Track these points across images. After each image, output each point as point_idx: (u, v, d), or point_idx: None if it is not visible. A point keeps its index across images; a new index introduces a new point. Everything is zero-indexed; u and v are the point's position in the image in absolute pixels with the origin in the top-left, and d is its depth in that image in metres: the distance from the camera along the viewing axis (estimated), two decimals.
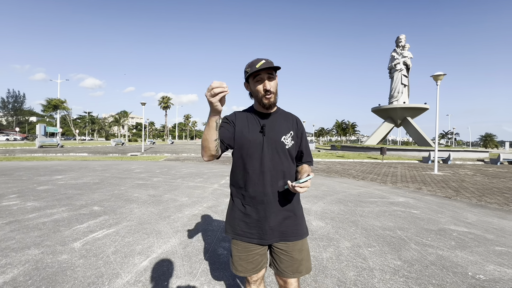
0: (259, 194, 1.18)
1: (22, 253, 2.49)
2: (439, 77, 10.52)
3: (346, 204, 4.82)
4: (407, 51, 30.25)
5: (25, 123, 61.71)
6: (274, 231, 1.19)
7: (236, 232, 1.22)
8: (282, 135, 1.21)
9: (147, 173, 8.20)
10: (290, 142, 1.22)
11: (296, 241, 1.22)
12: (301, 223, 1.25)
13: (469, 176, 9.60)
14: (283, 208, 1.20)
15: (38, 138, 23.84)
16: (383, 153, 15.97)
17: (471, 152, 22.41)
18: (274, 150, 1.19)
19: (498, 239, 3.21)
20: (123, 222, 3.49)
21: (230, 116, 1.26)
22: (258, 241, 1.20)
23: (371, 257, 2.62)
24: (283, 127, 1.24)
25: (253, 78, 1.16)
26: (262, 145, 1.18)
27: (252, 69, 1.11)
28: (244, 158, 1.20)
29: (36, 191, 5.27)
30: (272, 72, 1.15)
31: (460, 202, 5.32)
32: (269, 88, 1.15)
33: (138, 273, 2.20)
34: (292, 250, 1.21)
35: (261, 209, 1.18)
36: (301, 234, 1.23)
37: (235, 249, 1.25)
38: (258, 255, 1.23)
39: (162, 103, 67.85)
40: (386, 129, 31.30)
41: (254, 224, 1.19)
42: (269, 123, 1.23)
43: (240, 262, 1.24)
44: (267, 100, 1.17)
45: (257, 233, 1.19)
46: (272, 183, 1.18)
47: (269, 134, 1.20)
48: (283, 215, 1.20)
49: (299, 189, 1.02)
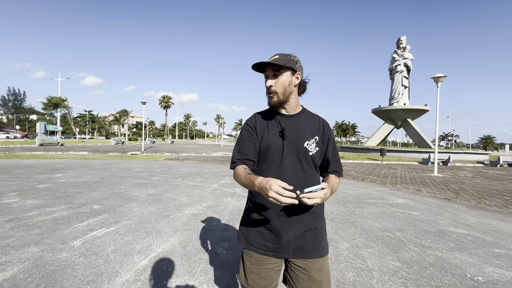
0: (276, 205, 1.04)
1: (22, 251, 2.50)
2: (439, 79, 10.53)
3: (345, 205, 4.83)
4: (408, 53, 30.26)
5: (26, 121, 61.74)
6: (291, 245, 1.07)
7: (250, 242, 1.12)
8: (306, 140, 1.08)
9: (147, 172, 8.21)
10: (314, 149, 1.09)
11: (316, 259, 1.08)
12: (323, 239, 1.12)
13: (468, 178, 9.60)
14: (303, 221, 1.07)
15: (38, 136, 23.88)
16: (383, 155, 15.98)
17: (471, 154, 22.41)
18: (296, 157, 1.07)
19: (497, 241, 3.21)
20: (122, 221, 3.50)
21: (250, 121, 1.15)
22: (274, 254, 1.09)
23: (370, 258, 2.63)
24: (307, 131, 1.10)
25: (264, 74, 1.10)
26: (282, 151, 1.07)
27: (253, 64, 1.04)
28: (262, 164, 1.10)
29: (36, 189, 5.27)
30: (278, 69, 1.05)
31: (460, 204, 5.33)
32: (269, 85, 1.06)
33: (137, 272, 2.21)
34: (311, 269, 1.08)
35: (278, 220, 1.06)
36: (322, 251, 1.10)
37: (248, 260, 1.13)
38: (273, 271, 1.12)
39: (162, 103, 67.87)
40: (386, 131, 31.30)
41: (270, 236, 1.08)
42: (291, 125, 1.10)
43: (253, 275, 1.12)
44: (269, 99, 1.09)
45: (273, 246, 1.08)
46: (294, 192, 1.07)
47: (291, 138, 1.07)
48: (303, 228, 1.07)
49: (306, 200, 0.85)
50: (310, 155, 1.08)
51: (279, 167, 1.06)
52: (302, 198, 0.86)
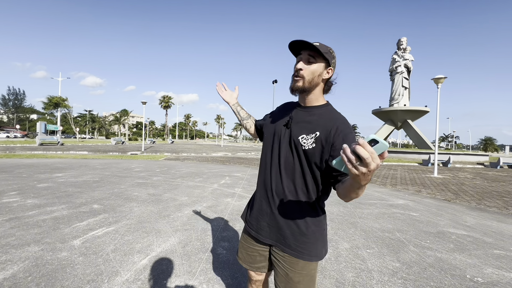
0: (266, 187, 1.11)
1: (22, 250, 2.50)
2: (439, 80, 10.53)
3: (345, 205, 4.83)
4: (408, 54, 30.28)
5: (26, 120, 61.79)
6: (271, 232, 1.08)
7: (246, 217, 1.24)
8: (302, 133, 1.02)
9: (147, 172, 8.21)
10: (310, 144, 0.99)
11: (294, 258, 1.03)
12: (307, 241, 1.03)
13: (468, 180, 9.60)
14: (286, 212, 1.05)
15: (39, 135, 23.90)
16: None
17: (471, 156, 22.41)
18: (289, 147, 1.06)
19: (496, 243, 3.21)
20: (122, 220, 3.50)
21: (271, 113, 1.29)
22: (255, 234, 1.14)
23: (369, 258, 2.63)
24: (312, 125, 1.02)
25: (297, 56, 1.07)
26: (280, 139, 1.09)
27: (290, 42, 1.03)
28: (265, 148, 1.17)
29: (36, 188, 5.27)
30: (315, 55, 1.00)
31: (460, 205, 5.33)
32: (300, 67, 1.01)
33: (137, 271, 2.21)
34: (289, 266, 1.04)
35: (265, 202, 1.11)
36: (303, 253, 1.02)
37: (243, 235, 1.24)
38: (257, 252, 1.17)
39: (162, 103, 67.91)
40: (386, 132, 31.29)
41: (254, 216, 1.16)
42: (299, 116, 1.07)
43: (242, 250, 1.23)
44: (293, 83, 1.04)
45: (255, 226, 1.14)
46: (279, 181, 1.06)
47: (292, 128, 1.07)
48: (283, 219, 1.05)
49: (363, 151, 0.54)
50: (303, 149, 1.00)
51: (277, 152, 1.09)
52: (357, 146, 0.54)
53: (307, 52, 1.01)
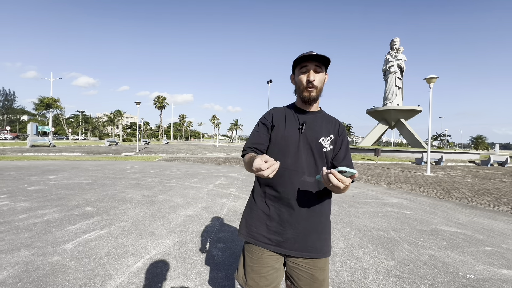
0: (288, 195, 1.05)
1: (12, 255, 2.44)
2: (432, 80, 10.69)
3: (340, 205, 4.86)
4: (401, 54, 30.67)
5: (16, 121, 60.48)
6: (297, 242, 1.05)
7: (252, 234, 1.09)
8: (322, 136, 1.09)
9: (141, 174, 8.12)
10: (328, 146, 1.10)
11: (319, 259, 1.07)
12: (327, 238, 1.10)
13: (460, 178, 9.78)
14: (313, 217, 1.06)
15: (30, 137, 23.39)
16: (377, 155, 16.15)
17: (463, 154, 22.82)
18: (310, 151, 1.08)
19: (488, 240, 3.28)
20: (116, 223, 3.45)
21: (267, 115, 1.19)
22: (275, 249, 1.06)
23: (364, 257, 2.65)
24: (323, 128, 1.12)
25: (299, 68, 1.09)
26: (298, 143, 1.08)
27: (299, 56, 1.06)
28: (277, 155, 1.10)
29: (27, 191, 5.16)
30: (320, 65, 1.06)
31: (452, 203, 5.42)
32: (313, 79, 1.04)
33: (131, 275, 2.18)
34: (313, 268, 1.06)
35: (287, 212, 1.05)
36: (326, 251, 1.08)
37: (249, 257, 1.10)
38: (274, 269, 1.07)
39: (157, 103, 67.34)
40: (380, 131, 31.64)
41: (275, 229, 1.06)
42: (309, 121, 1.12)
43: (252, 274, 1.08)
44: (308, 93, 1.07)
45: (276, 239, 1.05)
46: (305, 186, 1.05)
47: (308, 132, 1.09)
48: (311, 225, 1.06)
49: (333, 179, 0.80)
50: (324, 151, 1.09)
51: (295, 157, 1.07)
52: (329, 175, 0.81)
53: (315, 63, 1.05)
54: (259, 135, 1.15)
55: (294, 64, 1.10)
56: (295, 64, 1.09)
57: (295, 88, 1.15)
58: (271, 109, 1.22)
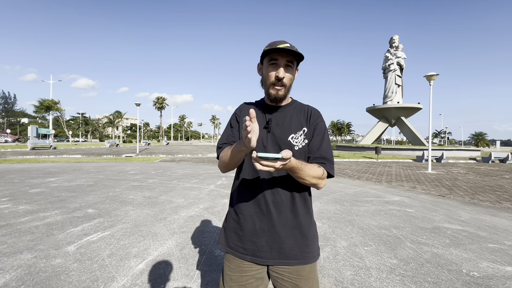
0: (256, 202, 0.98)
1: (15, 258, 2.44)
2: (432, 77, 10.68)
3: (342, 203, 4.85)
4: (400, 52, 30.62)
5: (17, 124, 60.54)
6: (273, 249, 0.97)
7: (229, 244, 1.03)
8: (291, 134, 0.99)
9: (142, 175, 8.12)
10: (301, 142, 0.99)
11: (301, 266, 0.97)
12: (309, 243, 1.00)
13: (462, 175, 9.76)
14: (287, 222, 0.98)
15: (30, 140, 23.43)
16: (378, 153, 16.13)
17: (464, 151, 22.79)
18: (279, 151, 0.97)
19: (490, 236, 3.27)
20: (118, 224, 3.45)
21: (237, 110, 1.10)
22: (252, 259, 0.98)
23: (367, 256, 2.64)
24: (294, 123, 1.01)
25: (268, 60, 0.96)
26: (265, 144, 0.99)
27: (271, 47, 0.92)
28: (244, 158, 0.99)
29: (28, 194, 5.16)
30: (292, 60, 0.95)
31: (454, 200, 5.41)
32: (282, 76, 0.94)
33: (134, 276, 2.18)
34: (296, 277, 0.97)
35: (258, 219, 0.98)
36: (308, 257, 0.98)
37: (227, 266, 1.03)
38: (254, 278, 1.00)
39: (156, 104, 67.39)
40: (380, 129, 31.62)
41: (247, 238, 0.98)
42: (277, 117, 1.02)
43: (231, 283, 1.00)
44: (275, 91, 0.97)
45: (251, 249, 0.98)
46: (274, 190, 0.97)
47: (275, 131, 1.00)
48: (285, 231, 0.97)
49: (257, 164, 0.71)
50: (296, 149, 0.98)
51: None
52: (253, 162, 0.72)
53: (286, 58, 0.94)
54: (230, 131, 1.06)
55: (263, 53, 0.96)
56: (264, 54, 0.96)
57: (262, 81, 1.03)
58: (241, 104, 1.12)
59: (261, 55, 0.98)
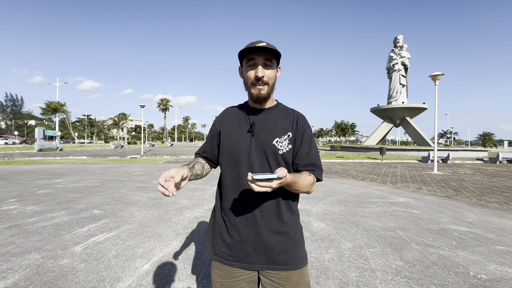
0: (241, 208, 0.96)
1: (23, 258, 2.49)
2: (437, 77, 10.56)
3: (346, 204, 4.83)
4: (405, 51, 30.39)
5: (24, 126, 61.59)
6: (260, 255, 0.96)
7: (216, 252, 1.00)
8: (276, 137, 0.97)
9: (147, 176, 8.19)
10: (286, 147, 0.97)
11: (290, 271, 0.96)
12: (297, 248, 0.99)
13: (468, 176, 9.62)
14: (273, 227, 0.96)
15: (37, 141, 23.79)
16: (382, 153, 16.00)
17: (470, 152, 22.47)
18: (263, 156, 0.96)
19: (499, 238, 3.21)
20: (123, 225, 3.48)
21: (217, 119, 1.09)
22: (240, 265, 0.97)
23: (372, 258, 2.62)
24: (279, 126, 0.99)
25: (246, 61, 0.95)
26: (249, 148, 0.97)
27: (248, 46, 0.91)
28: (227, 162, 1.00)
29: (35, 195, 5.25)
30: (270, 59, 0.94)
31: (460, 202, 5.33)
32: (262, 75, 0.92)
33: (139, 277, 2.20)
34: (285, 283, 0.95)
35: (243, 226, 0.96)
36: (296, 262, 0.97)
37: (216, 273, 1.00)
38: (245, 282, 0.98)
39: (161, 105, 67.86)
40: (385, 129, 31.37)
41: (234, 246, 0.97)
42: (261, 121, 1.00)
43: None
44: (257, 91, 0.95)
45: (239, 256, 0.97)
46: (259, 195, 0.94)
47: (259, 134, 0.98)
48: (272, 237, 0.96)
49: (254, 186, 0.71)
50: (281, 153, 0.97)
51: (246, 165, 0.96)
52: (250, 184, 0.72)
53: (263, 57, 0.93)
54: (207, 142, 1.08)
55: (240, 55, 0.96)
56: (241, 56, 0.95)
57: (244, 83, 1.02)
58: (224, 110, 1.11)
59: (239, 57, 0.97)
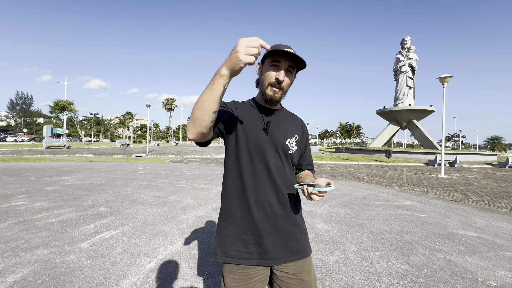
0: (262, 204, 0.97)
1: (31, 253, 2.53)
2: (445, 79, 10.40)
3: (351, 207, 4.78)
4: (412, 53, 30.03)
5: (33, 124, 62.81)
6: (278, 249, 0.98)
7: (230, 253, 0.98)
8: (287, 138, 1.03)
9: (152, 175, 8.26)
10: (294, 147, 1.05)
11: (303, 260, 1.02)
12: (306, 237, 1.07)
13: (477, 180, 9.44)
14: (289, 221, 1.01)
15: (45, 139, 24.20)
16: (388, 156, 15.82)
17: (479, 155, 22.05)
18: (277, 154, 1.01)
19: (508, 244, 3.14)
20: (129, 223, 3.52)
21: (230, 104, 1.03)
22: (259, 262, 0.97)
23: (378, 261, 2.59)
24: (289, 128, 1.06)
25: (270, 61, 0.95)
26: (265, 146, 0.99)
27: (277, 48, 0.91)
28: (245, 159, 0.99)
29: (44, 191, 5.34)
30: (293, 66, 0.96)
31: (468, 206, 5.23)
32: (282, 79, 0.94)
33: (145, 274, 2.21)
34: (301, 272, 1.00)
35: (262, 221, 0.97)
36: (307, 250, 1.04)
37: (231, 278, 0.98)
38: (260, 282, 0.99)
39: (166, 105, 68.42)
40: (391, 132, 31.01)
41: (253, 241, 0.97)
42: (274, 121, 1.04)
43: None
44: (272, 92, 0.97)
45: (257, 251, 0.97)
46: (277, 190, 0.99)
47: (273, 134, 1.01)
48: (289, 229, 1.00)
49: (315, 197, 0.82)
50: (290, 153, 1.04)
51: (263, 161, 0.98)
52: (312, 194, 0.84)
53: (288, 63, 0.94)
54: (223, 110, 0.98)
55: (267, 54, 0.94)
56: (268, 54, 0.94)
57: (259, 80, 1.03)
58: (233, 101, 1.07)
59: (264, 55, 0.96)
